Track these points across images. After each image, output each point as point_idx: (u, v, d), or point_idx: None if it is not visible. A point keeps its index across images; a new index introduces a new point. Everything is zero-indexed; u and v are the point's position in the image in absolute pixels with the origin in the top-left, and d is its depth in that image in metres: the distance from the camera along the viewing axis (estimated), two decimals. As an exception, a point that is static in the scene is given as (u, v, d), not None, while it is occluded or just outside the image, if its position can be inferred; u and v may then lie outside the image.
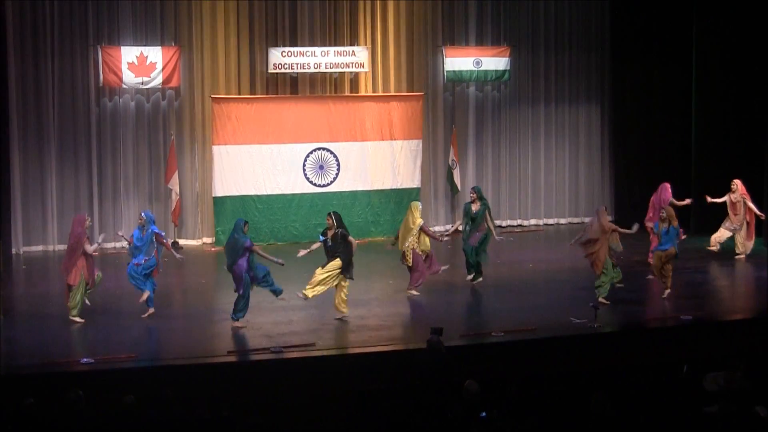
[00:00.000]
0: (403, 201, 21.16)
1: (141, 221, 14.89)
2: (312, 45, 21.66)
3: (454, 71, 22.66)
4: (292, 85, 21.87)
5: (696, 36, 21.83)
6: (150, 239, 14.69)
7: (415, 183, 22.13)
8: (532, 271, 18.42)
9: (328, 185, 21.63)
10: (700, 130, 21.93)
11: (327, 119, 21.58)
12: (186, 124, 21.41)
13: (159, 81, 20.74)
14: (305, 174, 21.47)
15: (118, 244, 20.73)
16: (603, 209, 15.92)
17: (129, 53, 20.52)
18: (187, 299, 16.68)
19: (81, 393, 9.45)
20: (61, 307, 14.55)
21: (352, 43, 21.90)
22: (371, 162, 21.84)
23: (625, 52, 23.21)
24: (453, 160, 22.63)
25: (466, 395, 9.50)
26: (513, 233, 22.58)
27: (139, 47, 20.65)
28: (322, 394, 11.26)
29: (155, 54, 20.66)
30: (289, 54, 21.40)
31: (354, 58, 21.76)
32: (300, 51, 21.46)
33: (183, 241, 21.29)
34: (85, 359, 12.45)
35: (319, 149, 21.51)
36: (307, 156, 21.44)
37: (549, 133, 23.83)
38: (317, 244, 14.87)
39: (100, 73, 20.44)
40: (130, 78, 20.54)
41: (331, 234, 14.59)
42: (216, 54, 21.38)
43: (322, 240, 14.67)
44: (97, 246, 14.41)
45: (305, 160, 21.42)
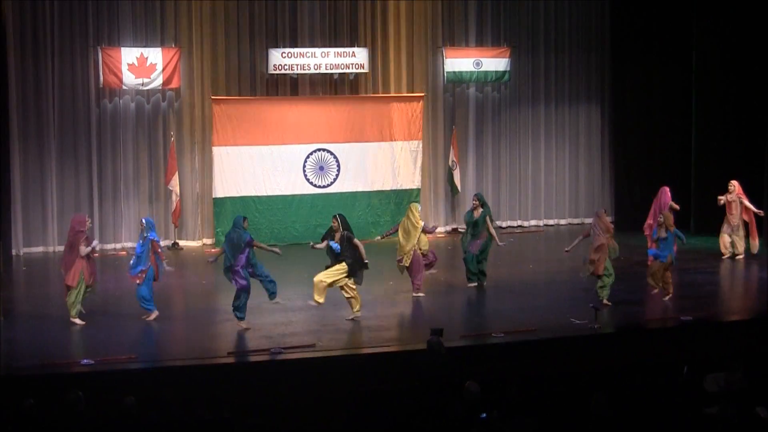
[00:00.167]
0: (404, 202, 21.18)
1: (141, 227, 14.83)
2: (312, 46, 21.65)
3: (454, 72, 22.65)
4: (292, 86, 21.86)
5: (696, 36, 21.83)
6: (148, 247, 14.55)
7: (416, 184, 22.12)
8: (532, 272, 18.38)
9: (328, 186, 21.63)
10: (700, 130, 21.90)
11: (327, 120, 21.59)
12: (186, 125, 21.39)
13: (159, 82, 20.76)
14: (305, 175, 21.48)
15: (118, 245, 20.85)
16: (602, 211, 15.86)
17: (129, 54, 20.53)
18: (187, 300, 16.63)
19: (81, 394, 9.40)
20: (62, 309, 14.48)
21: (352, 44, 21.89)
22: (371, 163, 21.84)
23: (625, 52, 23.17)
24: (453, 161, 22.58)
25: (466, 396, 9.46)
26: (513, 234, 22.55)
27: (139, 48, 20.66)
28: (322, 395, 11.21)
29: (155, 55, 20.67)
30: (289, 55, 21.40)
31: (354, 59, 21.74)
32: (300, 52, 21.45)
33: (183, 242, 21.30)
34: (85, 360, 12.39)
35: (320, 150, 21.52)
36: (308, 157, 21.45)
37: (549, 134, 23.81)
38: (324, 243, 14.69)
39: (100, 75, 20.45)
40: (130, 79, 20.55)
41: (337, 237, 14.48)
42: (216, 55, 21.38)
43: (335, 248, 14.36)
44: (90, 249, 14.24)
45: (305, 161, 21.43)
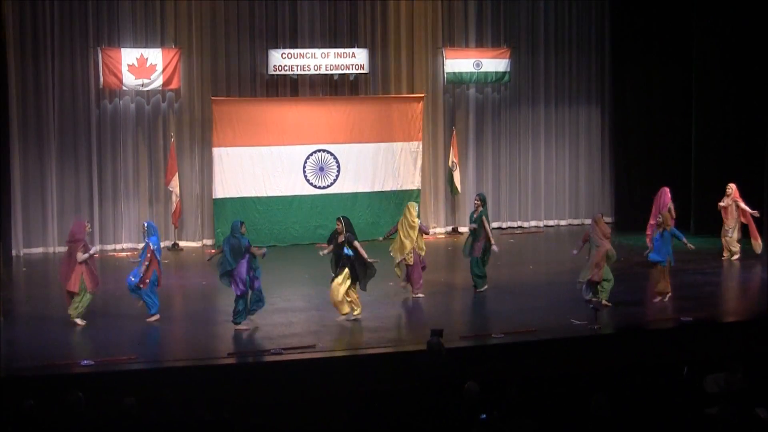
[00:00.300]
0: (403, 203, 20.89)
1: (143, 231, 14.85)
2: (312, 47, 21.63)
3: (454, 73, 22.63)
4: (292, 87, 21.84)
5: (696, 36, 21.81)
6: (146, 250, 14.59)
7: (416, 185, 22.10)
8: (532, 273, 18.38)
9: (328, 187, 21.61)
10: (700, 130, 21.88)
11: (327, 121, 21.57)
12: (186, 126, 21.37)
13: (159, 83, 20.74)
14: (305, 176, 21.47)
15: (118, 245, 20.83)
16: (600, 216, 15.73)
17: (129, 55, 20.53)
18: (188, 301, 16.62)
19: (81, 395, 9.39)
20: (62, 309, 14.50)
21: (352, 45, 21.86)
22: (371, 164, 21.81)
23: (625, 52, 23.17)
24: (453, 161, 22.52)
25: (466, 397, 9.44)
26: (513, 235, 22.53)
27: (139, 49, 20.64)
28: (322, 395, 11.18)
29: (155, 56, 20.66)
30: (289, 56, 21.38)
31: (354, 59, 21.73)
32: (300, 53, 21.43)
33: (183, 243, 21.29)
34: (85, 361, 12.38)
35: (319, 151, 21.51)
36: (308, 158, 21.44)
37: (549, 135, 23.77)
38: (330, 247, 14.63)
39: (100, 75, 20.46)
40: (130, 80, 20.54)
41: (341, 240, 14.46)
42: (216, 56, 21.36)
43: (348, 254, 14.30)
44: (87, 256, 14.25)
45: (305, 161, 21.42)
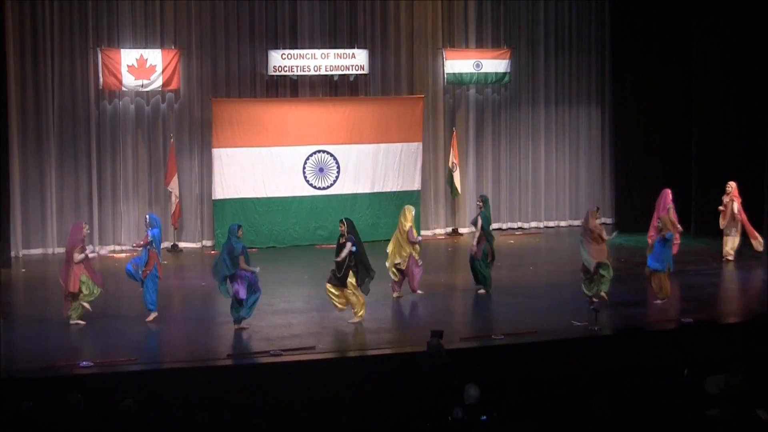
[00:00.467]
0: (403, 204, 20.95)
1: (146, 223, 14.85)
2: (312, 47, 21.58)
3: (454, 74, 22.58)
4: (291, 88, 21.78)
5: (696, 36, 21.77)
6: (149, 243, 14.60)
7: (416, 186, 22.05)
8: (532, 274, 18.35)
9: (328, 188, 21.58)
10: (700, 130, 21.84)
11: (327, 122, 21.52)
12: (186, 126, 21.32)
13: (159, 83, 20.69)
14: (305, 176, 21.43)
15: (117, 247, 20.78)
16: (593, 211, 15.54)
17: (129, 56, 20.47)
18: (187, 302, 16.57)
19: (80, 396, 9.37)
20: (60, 310, 14.48)
21: (351, 46, 21.81)
22: (371, 164, 21.77)
23: (625, 53, 23.12)
24: (453, 162, 22.48)
25: (466, 399, 9.39)
26: (513, 236, 22.52)
27: (139, 50, 20.59)
28: (322, 397, 11.17)
29: (155, 56, 20.61)
30: (289, 56, 21.33)
31: (354, 60, 21.68)
32: (300, 53, 21.38)
33: (183, 244, 21.24)
34: (85, 362, 12.36)
35: (319, 152, 21.47)
36: (307, 158, 21.40)
37: (549, 135, 23.73)
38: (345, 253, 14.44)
39: (99, 76, 20.40)
40: (129, 80, 20.49)
41: (342, 241, 14.39)
42: (216, 56, 21.31)
43: (353, 250, 14.25)
44: (84, 257, 14.25)
45: (305, 162, 21.38)
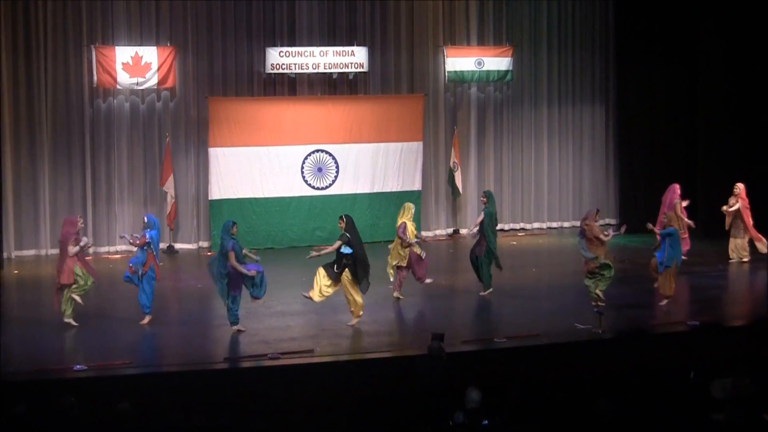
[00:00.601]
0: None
1: (143, 224, 14.79)
2: (310, 45, 21.51)
3: (455, 71, 22.50)
4: (290, 86, 21.71)
5: (700, 35, 21.77)
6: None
7: (416, 186, 21.97)
8: (535, 276, 18.29)
9: (326, 188, 21.50)
10: (704, 130, 21.81)
11: (326, 120, 21.44)
12: (181, 125, 21.25)
13: (154, 81, 20.61)
14: (303, 176, 21.32)
15: (112, 248, 20.74)
16: (592, 213, 15.34)
17: (123, 53, 20.39)
18: (183, 304, 16.48)
19: (74, 400, 9.32)
20: (54, 313, 14.34)
21: (351, 43, 21.74)
22: (371, 164, 21.69)
23: (629, 51, 23.07)
24: (454, 162, 22.44)
25: (467, 403, 9.29)
26: (516, 237, 22.44)
27: (134, 47, 20.52)
28: (320, 401, 11.12)
29: (150, 54, 20.51)
30: (287, 54, 21.24)
31: (353, 58, 21.59)
32: (298, 51, 21.30)
33: (179, 246, 21.16)
34: (79, 366, 12.27)
35: (318, 151, 21.38)
36: (306, 158, 21.30)
37: (552, 135, 23.66)
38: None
39: (93, 74, 20.33)
40: (124, 78, 20.39)
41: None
42: (212, 54, 21.26)
43: (345, 252, 14.11)
44: (79, 249, 14.17)
45: (303, 162, 21.28)
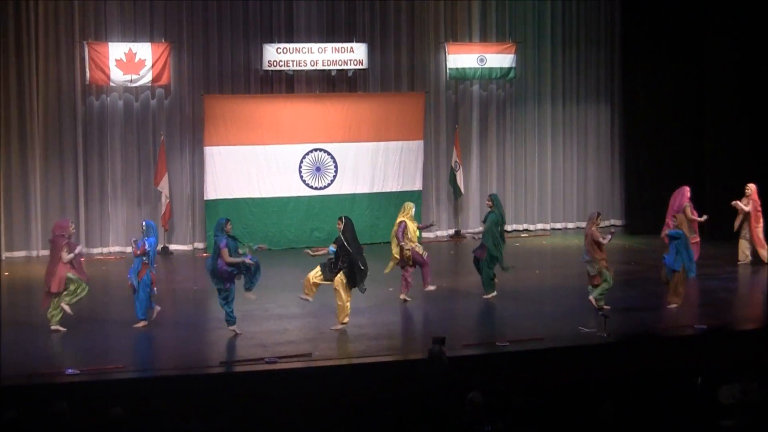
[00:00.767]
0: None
1: (142, 230, 14.72)
2: (309, 41, 21.51)
3: (457, 69, 22.47)
4: (287, 84, 21.70)
5: (707, 33, 21.77)
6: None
7: (417, 185, 21.96)
8: (538, 278, 18.26)
9: (325, 188, 21.50)
10: (712, 130, 21.80)
11: (324, 119, 21.43)
12: (176, 123, 21.25)
13: (148, 79, 20.61)
14: (301, 176, 21.28)
15: (105, 249, 20.88)
16: (593, 217, 15.19)
17: (117, 50, 20.39)
18: (178, 307, 16.44)
19: (66, 405, 9.37)
20: (45, 316, 14.25)
21: (350, 40, 21.72)
22: (370, 164, 21.69)
23: (635, 48, 23.05)
24: (456, 161, 22.45)
25: (469, 408, 9.30)
26: (519, 238, 22.44)
27: (128, 43, 20.53)
28: (318, 405, 11.08)
29: (144, 50, 20.52)
30: (285, 51, 21.23)
31: (352, 54, 21.56)
32: (296, 48, 21.32)
33: (173, 247, 21.18)
34: (71, 370, 12.23)
35: (316, 150, 21.36)
36: (304, 157, 21.28)
37: (556, 134, 23.65)
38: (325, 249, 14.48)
39: (86, 71, 20.32)
40: (118, 75, 20.39)
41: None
42: (208, 50, 21.28)
43: (331, 251, 14.11)
44: (72, 256, 14.14)
45: (301, 161, 21.25)
